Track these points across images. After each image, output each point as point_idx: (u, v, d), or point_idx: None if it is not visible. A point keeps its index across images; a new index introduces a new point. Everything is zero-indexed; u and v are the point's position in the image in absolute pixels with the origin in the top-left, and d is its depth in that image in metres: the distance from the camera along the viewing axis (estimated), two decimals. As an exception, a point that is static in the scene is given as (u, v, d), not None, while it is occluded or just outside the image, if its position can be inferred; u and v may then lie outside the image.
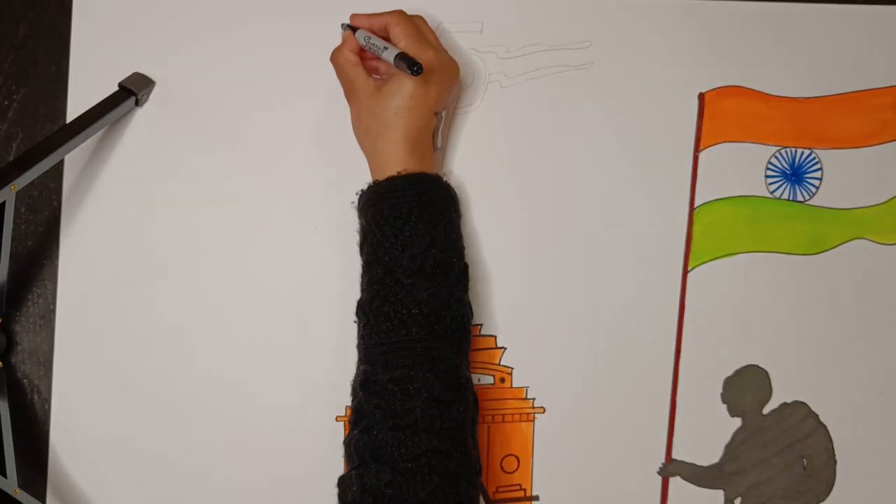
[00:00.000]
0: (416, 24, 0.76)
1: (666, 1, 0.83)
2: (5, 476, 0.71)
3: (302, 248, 0.80)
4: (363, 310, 0.72)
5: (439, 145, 0.78)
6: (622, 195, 0.82)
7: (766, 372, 0.83)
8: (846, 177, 0.84)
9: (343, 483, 0.69)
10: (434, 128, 0.76)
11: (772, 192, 0.83)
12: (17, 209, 0.76)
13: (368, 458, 0.67)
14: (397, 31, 0.75)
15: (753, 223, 0.83)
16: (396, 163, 0.73)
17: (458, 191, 0.77)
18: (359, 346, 0.73)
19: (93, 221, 0.79)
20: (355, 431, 0.69)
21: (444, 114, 0.78)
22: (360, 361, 0.72)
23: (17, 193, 0.70)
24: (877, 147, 0.84)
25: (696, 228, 0.83)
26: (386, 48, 0.74)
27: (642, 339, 0.82)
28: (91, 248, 0.79)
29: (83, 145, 0.75)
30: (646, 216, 0.82)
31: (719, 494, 0.82)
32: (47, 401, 0.78)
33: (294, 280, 0.80)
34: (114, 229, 0.79)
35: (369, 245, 0.73)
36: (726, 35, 0.84)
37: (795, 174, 0.84)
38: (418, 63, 0.70)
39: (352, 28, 0.77)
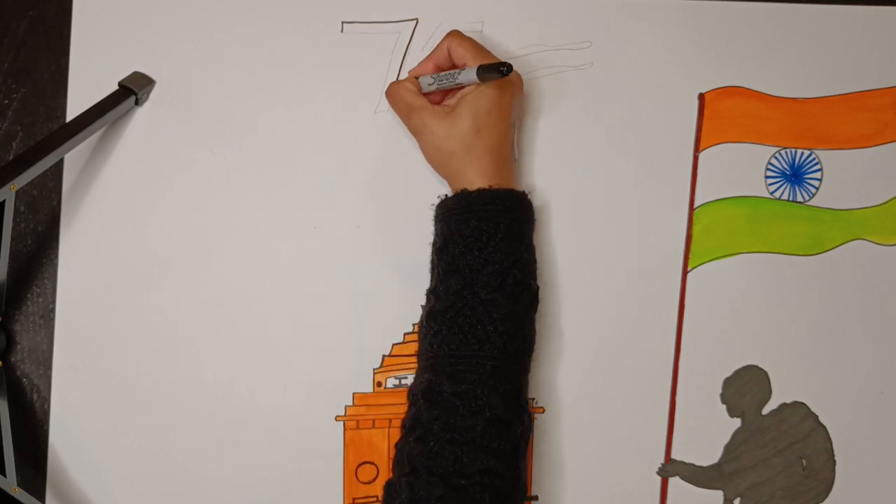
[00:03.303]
0: (474, 42, 0.75)
1: (666, 1, 0.83)
2: (4, 475, 0.71)
3: (302, 247, 0.80)
4: (435, 318, 0.71)
5: (516, 156, 0.79)
6: (622, 195, 0.82)
7: (766, 372, 0.83)
8: (846, 177, 0.84)
9: (390, 489, 0.69)
10: (510, 139, 0.77)
11: (772, 193, 0.83)
12: (16, 208, 0.76)
13: (421, 468, 0.67)
14: (461, 51, 0.74)
15: (753, 223, 0.83)
16: (484, 180, 0.72)
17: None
18: (423, 353, 0.73)
19: (92, 220, 0.79)
20: (410, 438, 0.69)
21: (515, 125, 0.78)
22: (424, 369, 0.72)
23: (17, 192, 0.70)
24: (877, 148, 0.84)
25: (696, 229, 0.83)
26: (459, 73, 0.73)
27: (642, 339, 0.82)
28: (90, 247, 0.79)
29: (83, 144, 0.76)
30: (646, 216, 0.82)
31: (718, 495, 0.82)
32: (46, 400, 0.78)
33: (294, 279, 0.80)
34: (113, 228, 0.79)
35: (449, 254, 0.72)
36: (726, 35, 0.84)
37: (795, 175, 0.84)
38: (505, 63, 0.69)
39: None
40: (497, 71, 0.70)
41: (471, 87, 0.73)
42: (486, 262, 0.70)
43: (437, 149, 0.74)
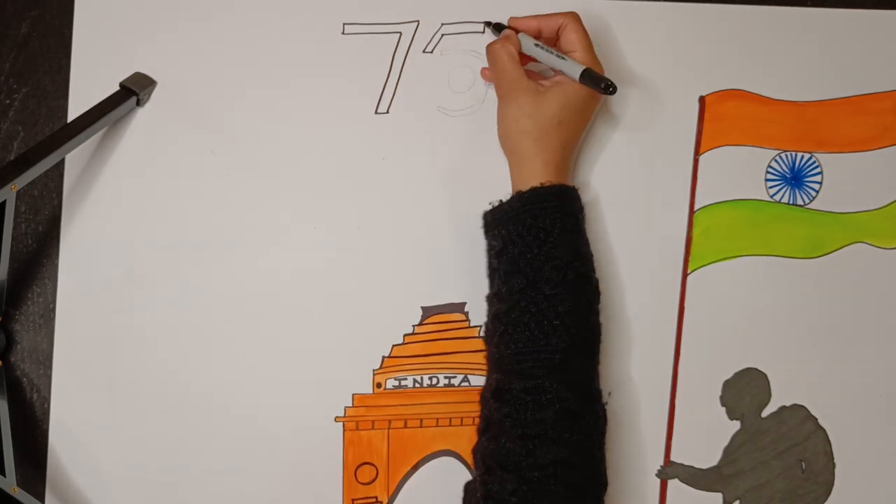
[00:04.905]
0: (588, 35, 0.75)
1: (667, 4, 0.83)
2: (4, 475, 0.71)
3: (302, 248, 0.80)
4: (500, 319, 0.72)
5: (575, 156, 0.80)
6: (622, 198, 0.82)
7: (765, 375, 0.83)
8: (846, 181, 0.84)
9: (467, 489, 0.71)
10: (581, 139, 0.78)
11: (772, 196, 0.83)
12: (17, 208, 0.76)
13: (495, 466, 0.67)
14: (573, 38, 0.74)
15: (753, 226, 0.83)
16: (547, 170, 0.73)
17: (453, 190, 0.78)
18: (491, 356, 0.73)
19: (93, 221, 0.79)
20: (483, 439, 0.70)
21: (588, 128, 0.79)
22: (492, 370, 0.72)
23: (18, 192, 0.70)
24: (877, 151, 0.84)
25: (696, 231, 0.83)
26: (563, 59, 0.74)
27: (642, 341, 0.82)
28: (91, 247, 0.79)
29: (84, 145, 0.76)
30: (646, 219, 0.82)
31: (718, 497, 0.82)
32: (46, 399, 0.78)
33: (294, 280, 0.80)
34: (114, 229, 0.79)
35: (509, 256, 0.72)
36: (727, 38, 0.84)
37: (795, 178, 0.84)
38: (612, 83, 0.70)
39: (501, 29, 0.78)
40: (600, 86, 0.71)
41: (567, 79, 0.74)
42: (547, 258, 0.71)
43: (515, 122, 0.75)
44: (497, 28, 0.79)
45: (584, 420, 0.69)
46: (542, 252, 0.71)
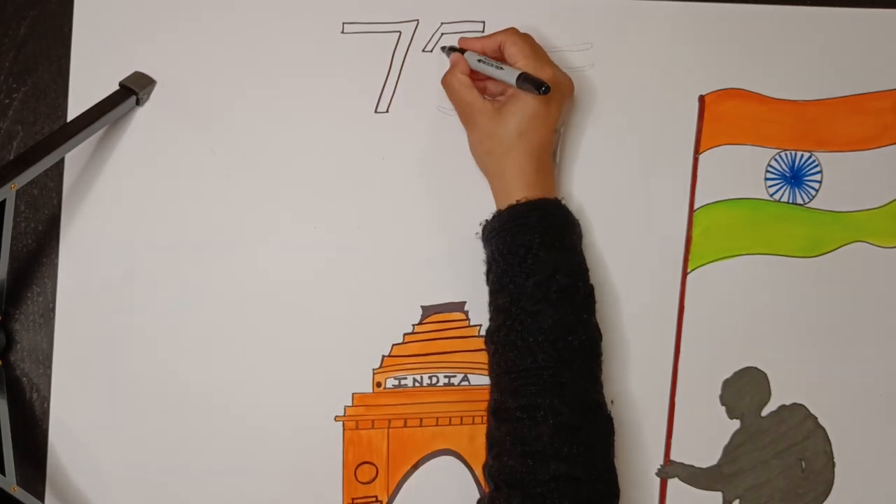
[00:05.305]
0: (530, 43, 0.75)
1: (667, 3, 0.83)
2: (4, 474, 0.71)
3: (301, 247, 0.80)
4: (491, 339, 0.73)
5: (557, 161, 0.79)
6: (622, 197, 0.82)
7: (765, 374, 0.83)
8: (846, 180, 0.84)
9: None
10: (553, 145, 0.77)
11: (771, 195, 0.83)
12: (17, 207, 0.76)
13: (502, 483, 0.68)
14: (514, 51, 0.74)
15: (753, 225, 0.83)
16: (521, 184, 0.73)
17: (453, 189, 0.78)
18: (490, 374, 0.74)
19: (93, 220, 0.79)
20: (489, 457, 0.71)
21: (561, 130, 0.79)
22: (492, 388, 0.73)
23: (18, 192, 0.70)
24: (876, 150, 0.84)
25: (696, 230, 0.83)
26: (501, 68, 0.74)
27: (641, 340, 0.82)
28: (91, 246, 0.79)
29: (83, 144, 0.76)
30: (646, 218, 0.82)
31: (718, 496, 0.82)
32: (46, 399, 0.78)
33: (294, 280, 0.80)
34: (114, 228, 0.79)
35: (494, 274, 0.73)
36: (727, 37, 0.84)
37: (795, 177, 0.84)
38: (545, 83, 0.70)
39: (458, 50, 0.78)
40: (535, 87, 0.70)
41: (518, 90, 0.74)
42: (528, 274, 0.71)
43: (480, 144, 0.76)
44: (452, 51, 0.79)
45: (583, 433, 0.69)
46: (523, 269, 0.71)
